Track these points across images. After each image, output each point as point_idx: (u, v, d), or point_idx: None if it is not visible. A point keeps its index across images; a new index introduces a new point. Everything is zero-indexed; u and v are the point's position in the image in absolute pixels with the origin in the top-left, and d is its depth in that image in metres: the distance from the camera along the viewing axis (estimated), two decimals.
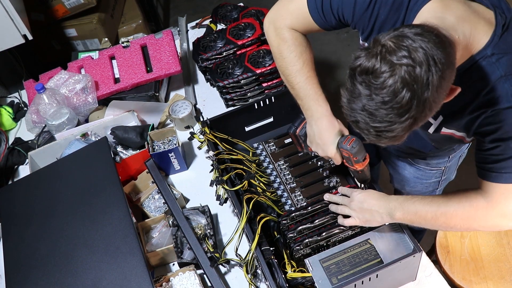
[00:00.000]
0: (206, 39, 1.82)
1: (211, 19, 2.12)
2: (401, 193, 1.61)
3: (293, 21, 1.19)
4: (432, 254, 1.64)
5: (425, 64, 0.78)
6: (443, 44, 0.81)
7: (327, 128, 1.18)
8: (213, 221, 1.43)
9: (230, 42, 1.78)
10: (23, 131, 1.86)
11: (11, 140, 1.84)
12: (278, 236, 1.26)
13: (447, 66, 0.81)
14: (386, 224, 1.16)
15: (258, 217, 1.24)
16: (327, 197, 1.24)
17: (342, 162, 1.21)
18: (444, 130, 1.09)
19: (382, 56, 0.80)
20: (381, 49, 0.81)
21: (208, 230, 1.38)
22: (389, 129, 0.84)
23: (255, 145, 1.55)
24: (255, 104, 1.51)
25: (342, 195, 1.23)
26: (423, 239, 2.00)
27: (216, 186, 1.33)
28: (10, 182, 1.71)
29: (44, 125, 1.72)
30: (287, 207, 1.36)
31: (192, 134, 1.45)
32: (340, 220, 1.20)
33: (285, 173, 1.45)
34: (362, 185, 1.27)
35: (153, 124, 1.68)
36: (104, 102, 1.79)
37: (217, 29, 2.09)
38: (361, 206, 1.16)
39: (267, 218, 1.25)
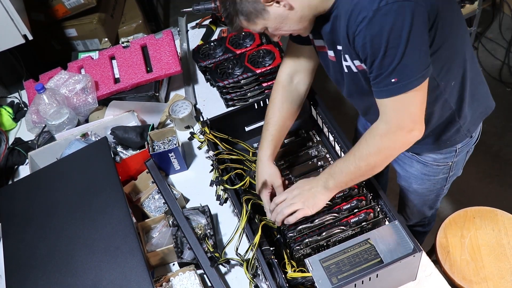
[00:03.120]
0: (206, 47, 1.83)
1: (211, 19, 2.12)
2: (408, 191, 1.61)
3: (289, 62, 1.38)
4: (432, 254, 1.64)
5: None
6: None
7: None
8: (213, 221, 1.43)
9: (229, 51, 1.79)
10: (23, 131, 1.86)
11: (11, 140, 1.84)
12: (278, 236, 1.26)
13: None
14: (323, 199, 1.21)
15: (258, 218, 1.24)
16: (272, 206, 1.27)
17: None
18: (349, 64, 1.14)
19: None
20: None
21: (208, 230, 1.38)
22: (226, 14, 1.10)
23: (255, 145, 1.55)
24: (255, 104, 1.51)
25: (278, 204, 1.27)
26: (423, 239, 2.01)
27: (216, 186, 1.33)
28: (10, 182, 1.71)
29: (44, 125, 1.72)
30: None
31: (192, 134, 1.45)
32: (292, 218, 1.21)
33: (284, 173, 1.45)
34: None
35: (153, 124, 1.68)
36: (104, 102, 1.79)
37: (217, 30, 2.09)
38: (301, 194, 1.21)
39: (265, 222, 1.26)
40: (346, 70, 1.18)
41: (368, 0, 0.97)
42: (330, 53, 1.21)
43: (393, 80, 1.02)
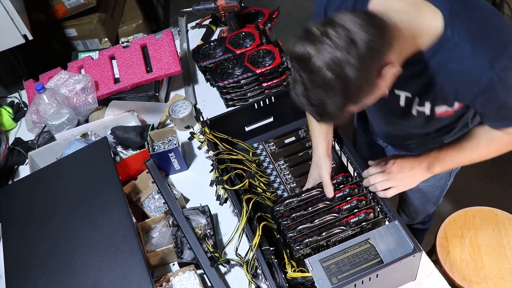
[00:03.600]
0: (206, 47, 1.83)
1: (211, 19, 2.12)
2: (411, 190, 1.61)
3: None
4: (432, 254, 1.64)
5: (346, 47, 0.86)
6: (371, 25, 0.88)
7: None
8: (213, 221, 1.43)
9: (229, 51, 1.79)
10: (23, 131, 1.86)
11: (11, 140, 1.84)
12: (278, 236, 1.26)
13: (373, 47, 0.87)
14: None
15: (257, 216, 1.24)
16: (365, 174, 1.27)
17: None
18: (438, 110, 1.15)
19: (310, 41, 0.89)
20: (308, 35, 0.89)
21: (208, 230, 1.38)
22: (323, 107, 0.92)
23: (255, 145, 1.55)
24: (255, 104, 1.51)
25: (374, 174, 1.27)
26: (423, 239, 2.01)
27: (216, 186, 1.33)
28: (10, 182, 1.71)
29: (44, 125, 1.72)
30: None
31: (192, 134, 1.45)
32: (383, 193, 1.22)
33: (285, 173, 1.45)
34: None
35: (153, 124, 1.68)
36: (104, 102, 1.79)
37: (217, 30, 2.09)
38: (401, 174, 1.23)
39: (266, 222, 1.25)
40: (414, 114, 1.19)
41: (487, 61, 0.95)
42: (401, 98, 1.18)
43: None
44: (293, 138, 1.54)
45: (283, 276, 1.13)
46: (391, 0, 1.00)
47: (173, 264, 1.39)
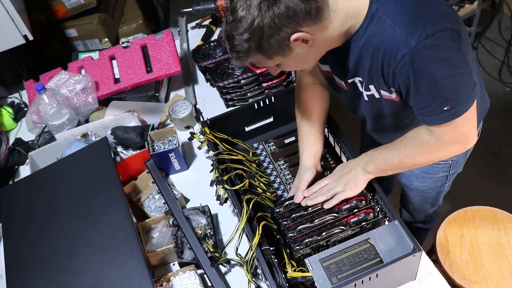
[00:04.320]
0: (206, 47, 1.83)
1: (211, 19, 2.13)
2: (409, 189, 1.62)
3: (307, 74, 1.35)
4: (432, 253, 1.64)
5: None
6: None
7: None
8: (213, 221, 1.43)
9: None
10: (24, 131, 1.86)
11: (11, 141, 1.84)
12: (278, 236, 1.27)
13: (294, 8, 0.95)
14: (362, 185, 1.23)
15: (258, 215, 1.24)
16: (309, 202, 1.27)
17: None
18: (373, 92, 1.15)
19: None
20: None
21: (208, 230, 1.38)
22: (232, 43, 1.02)
23: (255, 145, 1.55)
24: (255, 104, 1.52)
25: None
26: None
27: (216, 186, 1.33)
28: (10, 182, 1.71)
29: (44, 125, 1.72)
30: None
31: (192, 134, 1.45)
32: (334, 201, 1.22)
33: (285, 173, 1.46)
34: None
35: (153, 124, 1.69)
36: (104, 102, 1.79)
37: (217, 30, 2.09)
38: (342, 177, 1.23)
39: (266, 222, 1.26)
40: (366, 98, 1.19)
41: (403, 35, 0.96)
42: (340, 82, 1.22)
43: (445, 108, 1.02)
44: (293, 138, 1.54)
45: (283, 275, 1.13)
46: None
47: (173, 264, 1.39)
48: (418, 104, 1.05)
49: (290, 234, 1.22)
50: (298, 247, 1.19)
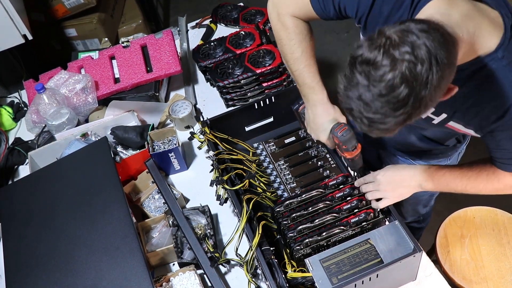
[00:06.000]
0: (206, 47, 1.83)
1: (211, 19, 2.12)
2: None
3: (295, 8, 1.20)
4: (432, 254, 1.64)
5: (427, 62, 0.77)
6: (447, 43, 0.81)
7: (321, 114, 1.25)
8: (213, 221, 1.43)
9: (229, 50, 1.79)
10: (23, 131, 1.86)
11: (11, 140, 1.84)
12: (278, 236, 1.26)
13: (448, 66, 0.80)
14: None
15: (258, 215, 1.23)
16: (360, 182, 1.26)
17: (334, 148, 1.28)
18: (451, 124, 1.10)
19: (385, 49, 0.79)
20: (384, 42, 0.80)
21: (208, 230, 1.38)
22: (382, 121, 0.84)
23: (255, 145, 1.55)
24: (255, 104, 1.51)
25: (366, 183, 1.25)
26: (423, 238, 2.00)
27: (216, 186, 1.33)
28: (10, 182, 1.71)
29: (44, 125, 1.72)
30: None
31: (192, 134, 1.45)
32: (374, 204, 1.22)
33: (285, 173, 1.45)
34: (355, 173, 1.30)
35: (153, 124, 1.68)
36: (104, 102, 1.79)
37: (217, 30, 2.09)
38: (392, 183, 1.20)
39: (265, 222, 1.25)
40: (435, 122, 1.13)
41: (504, 97, 0.93)
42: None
43: None
44: (293, 138, 1.54)
45: (283, 276, 1.13)
46: (447, 8, 0.91)
47: (173, 264, 1.39)
48: (498, 152, 1.05)
49: (290, 234, 1.21)
50: (298, 247, 1.19)
